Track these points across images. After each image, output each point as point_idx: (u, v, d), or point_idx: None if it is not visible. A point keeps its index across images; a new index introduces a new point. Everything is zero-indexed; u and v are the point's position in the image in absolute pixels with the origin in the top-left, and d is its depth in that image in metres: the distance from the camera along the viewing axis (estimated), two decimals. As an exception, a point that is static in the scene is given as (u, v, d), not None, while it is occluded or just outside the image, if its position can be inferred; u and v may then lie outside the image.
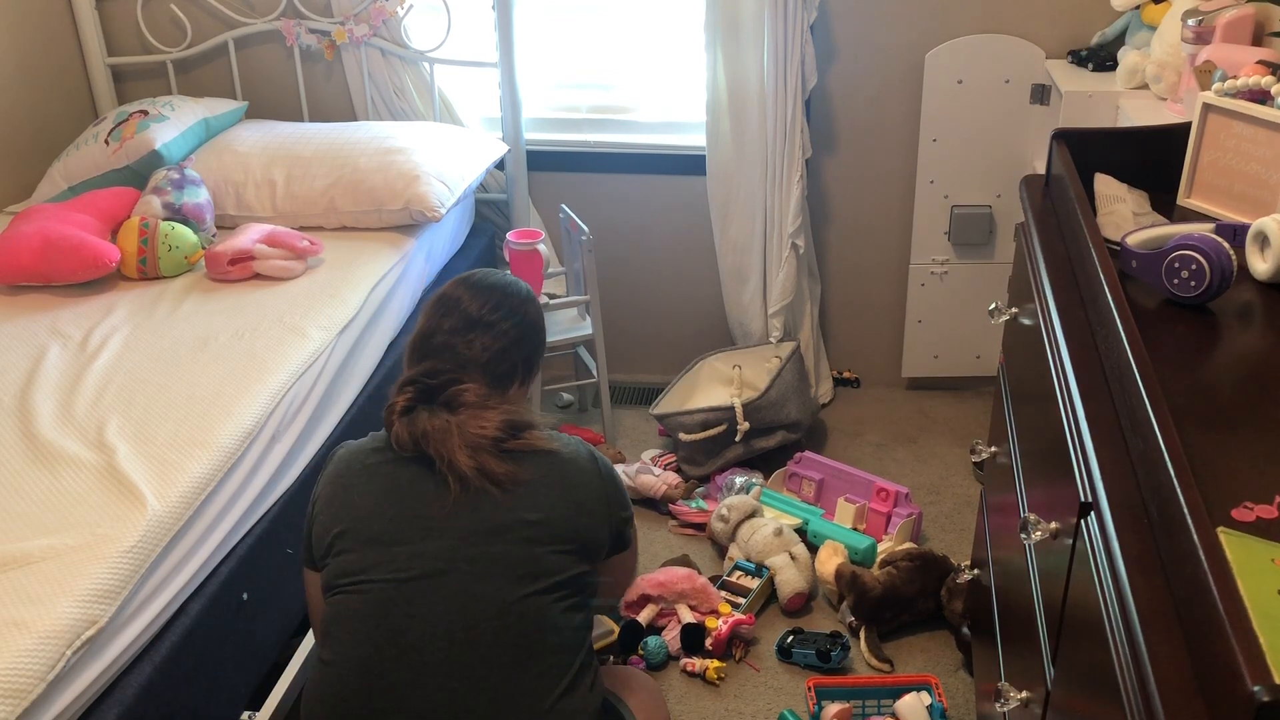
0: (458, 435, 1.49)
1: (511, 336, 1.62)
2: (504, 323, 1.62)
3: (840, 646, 2.26)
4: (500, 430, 1.50)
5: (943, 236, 3.03)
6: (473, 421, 1.50)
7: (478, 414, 1.52)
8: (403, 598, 1.44)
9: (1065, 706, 1.21)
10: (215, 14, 3.06)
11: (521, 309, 1.66)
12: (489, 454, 1.49)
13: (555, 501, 1.51)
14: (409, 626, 1.43)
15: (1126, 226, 1.59)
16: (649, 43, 3.06)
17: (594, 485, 1.57)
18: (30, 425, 1.88)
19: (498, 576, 1.45)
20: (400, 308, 2.57)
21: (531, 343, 1.67)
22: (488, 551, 1.45)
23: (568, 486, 1.53)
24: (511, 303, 1.65)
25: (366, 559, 1.47)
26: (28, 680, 1.38)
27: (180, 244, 2.46)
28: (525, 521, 1.47)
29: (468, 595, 1.43)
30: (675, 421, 2.84)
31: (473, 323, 1.60)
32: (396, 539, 1.47)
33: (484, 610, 1.43)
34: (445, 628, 1.42)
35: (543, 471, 1.52)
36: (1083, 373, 1.28)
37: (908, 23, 2.85)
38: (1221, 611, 0.80)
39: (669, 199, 3.15)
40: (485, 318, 1.61)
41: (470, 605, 1.43)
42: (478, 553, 1.45)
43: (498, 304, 1.63)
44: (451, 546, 1.45)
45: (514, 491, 1.48)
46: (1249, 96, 1.63)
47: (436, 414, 1.52)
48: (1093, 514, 1.08)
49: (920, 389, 3.28)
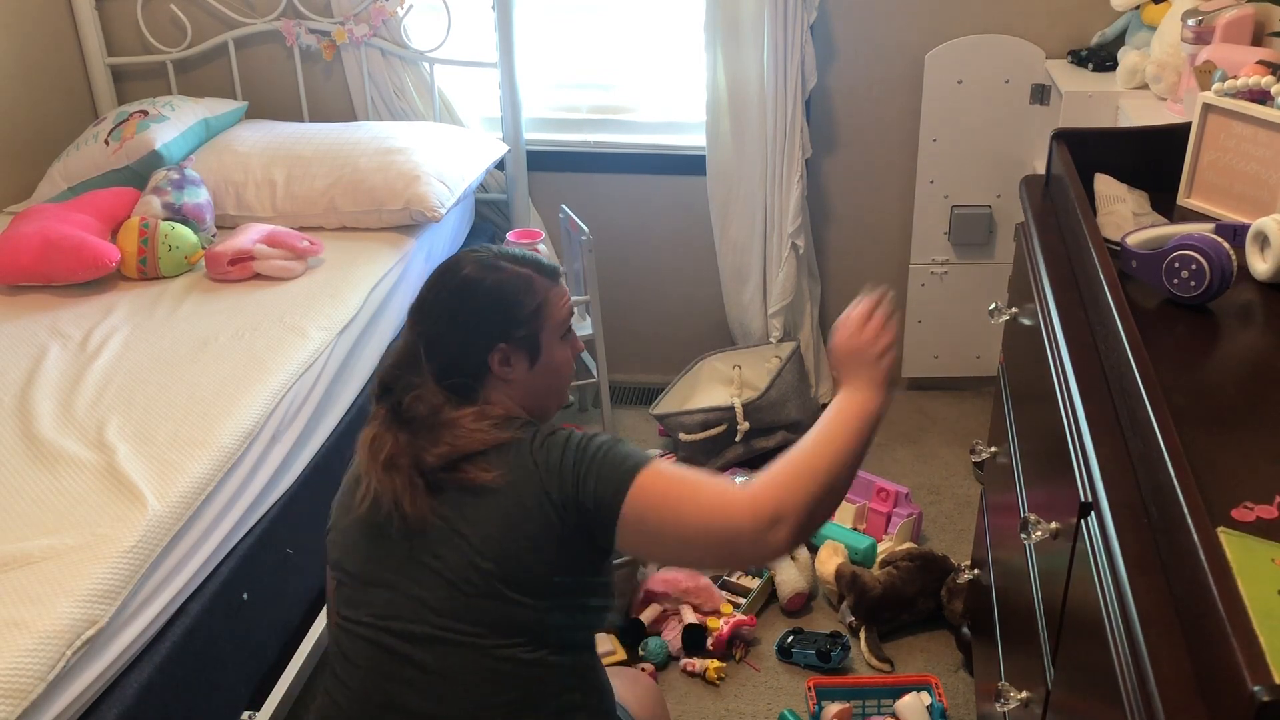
0: (386, 450, 1.37)
1: (447, 323, 1.44)
2: (437, 308, 1.45)
3: (840, 646, 2.26)
4: (433, 459, 1.35)
5: (943, 236, 3.03)
6: (417, 439, 1.37)
7: (425, 434, 1.38)
8: (394, 661, 1.37)
9: (1065, 706, 1.21)
10: (215, 14, 3.06)
11: (458, 286, 1.46)
12: (408, 486, 1.35)
13: (504, 543, 1.34)
14: (399, 687, 1.37)
15: (1126, 226, 1.59)
16: (649, 43, 3.06)
17: (537, 494, 1.35)
18: (30, 425, 1.88)
19: (472, 635, 1.34)
20: (400, 308, 2.57)
21: (486, 325, 1.45)
22: (454, 606, 1.34)
23: (510, 522, 1.34)
24: (446, 281, 1.47)
25: (356, 596, 1.42)
26: (28, 680, 1.38)
27: (180, 244, 2.46)
28: (483, 572, 1.33)
29: (451, 654, 1.35)
30: (675, 421, 2.84)
31: (421, 311, 1.46)
32: (374, 579, 1.40)
33: (468, 663, 1.35)
34: (437, 684, 1.36)
35: (483, 510, 1.35)
36: (1083, 373, 1.28)
37: (908, 23, 2.85)
38: (1221, 611, 0.80)
39: (669, 199, 3.15)
40: (424, 303, 1.46)
41: (455, 662, 1.35)
42: (445, 607, 1.34)
43: (432, 284, 1.47)
44: (419, 599, 1.35)
45: (460, 532, 1.34)
46: (1249, 96, 1.63)
47: (387, 429, 1.40)
48: (1093, 514, 1.08)
49: (920, 389, 3.28)
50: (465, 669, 1.35)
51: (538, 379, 1.51)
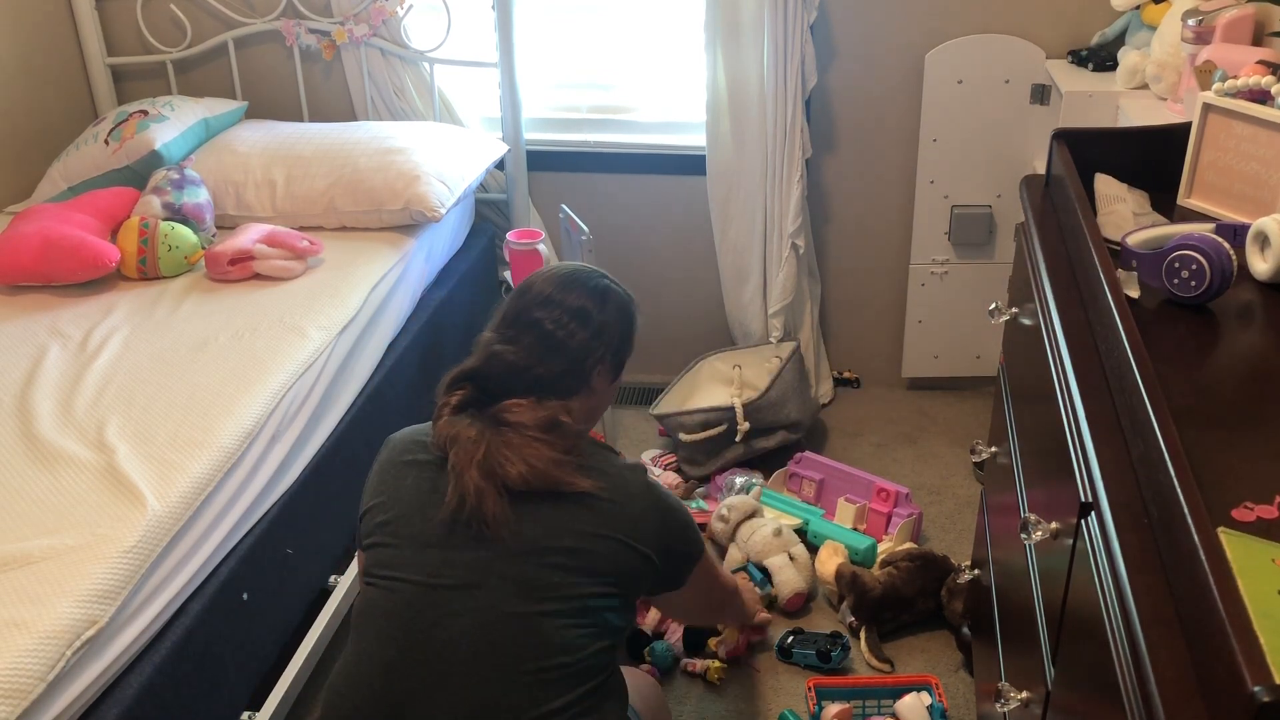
0: (482, 451, 1.43)
1: (579, 339, 1.56)
2: (579, 329, 1.56)
3: (840, 646, 2.26)
4: (526, 467, 1.43)
5: (943, 236, 3.03)
6: (504, 449, 1.44)
7: (516, 441, 1.45)
8: (430, 604, 1.41)
9: (1065, 706, 1.21)
10: (215, 14, 3.06)
11: (600, 292, 1.63)
12: (493, 490, 1.42)
13: (592, 535, 1.44)
14: (434, 634, 1.40)
15: (1126, 226, 1.59)
16: (649, 43, 3.06)
17: (641, 518, 1.48)
18: (30, 425, 1.88)
19: (525, 597, 1.41)
20: (400, 308, 2.57)
21: (608, 345, 1.61)
22: (520, 571, 1.41)
23: (604, 521, 1.45)
24: (582, 283, 1.61)
25: (403, 555, 1.45)
26: (28, 680, 1.38)
27: (180, 244, 2.46)
28: (562, 548, 1.42)
29: (494, 611, 1.40)
30: (675, 421, 2.84)
31: (555, 322, 1.55)
32: (433, 542, 1.44)
33: (508, 628, 1.40)
34: (470, 640, 1.40)
35: (570, 512, 1.45)
36: (1083, 373, 1.28)
37: (908, 23, 2.85)
38: (1221, 611, 0.80)
39: (669, 199, 3.15)
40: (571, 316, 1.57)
41: (496, 622, 1.40)
42: (510, 570, 1.41)
43: (563, 285, 1.59)
44: (485, 560, 1.42)
45: (552, 517, 1.43)
46: (1249, 96, 1.63)
47: (476, 423, 1.47)
48: (1093, 514, 1.08)
49: (920, 389, 3.28)
50: (509, 626, 1.40)
51: (605, 399, 1.65)
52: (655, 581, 1.54)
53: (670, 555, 1.53)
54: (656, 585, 1.56)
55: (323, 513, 2.12)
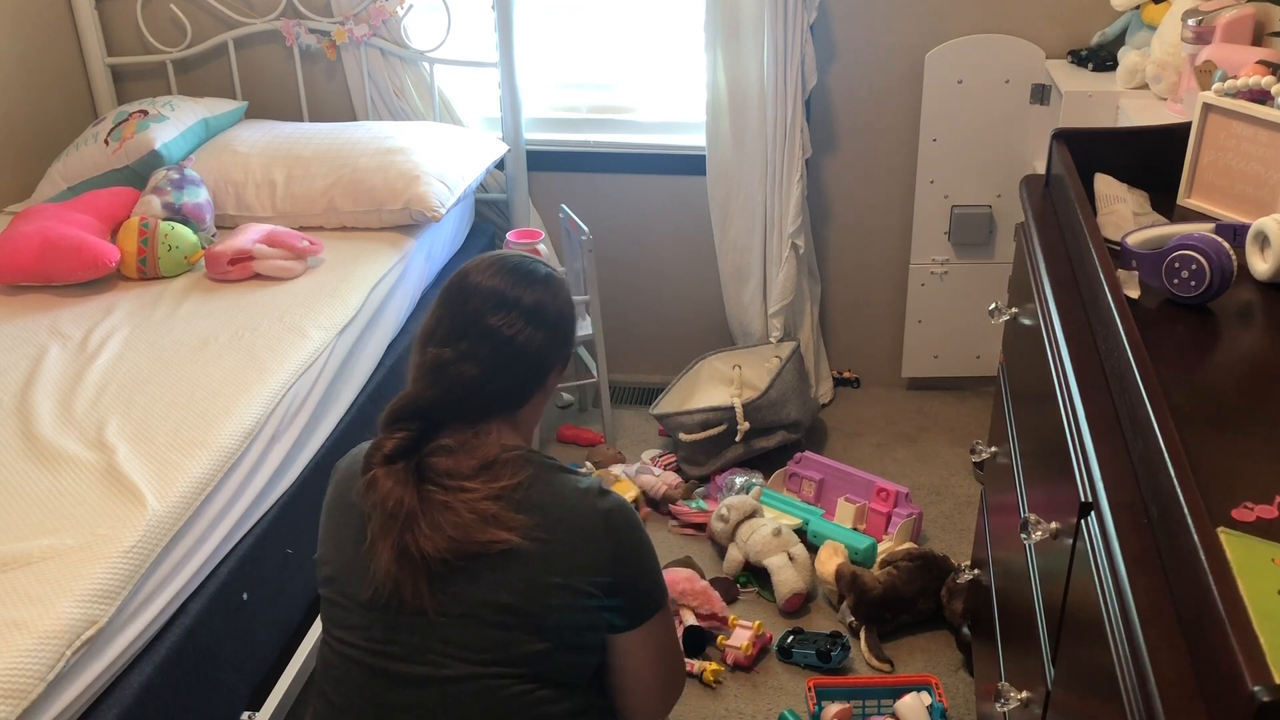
0: (398, 526, 1.29)
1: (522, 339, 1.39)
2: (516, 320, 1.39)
3: (840, 646, 2.26)
4: (445, 541, 1.28)
5: (943, 236, 3.03)
6: (423, 519, 1.29)
7: (440, 499, 1.30)
8: (382, 683, 1.33)
9: (1065, 706, 1.21)
10: (215, 14, 3.06)
11: (548, 288, 1.44)
12: (410, 574, 1.29)
13: (530, 586, 1.30)
14: (390, 708, 1.33)
15: (1126, 226, 1.59)
16: (649, 43, 3.06)
17: (587, 546, 1.33)
18: (30, 425, 1.88)
19: (470, 661, 1.31)
20: (400, 308, 2.57)
21: (565, 339, 1.46)
22: (461, 634, 1.30)
23: (543, 567, 1.31)
24: (530, 280, 1.42)
25: (350, 617, 1.36)
26: (28, 680, 1.38)
27: (180, 244, 2.46)
28: (500, 605, 1.30)
29: (444, 683, 1.31)
30: (675, 421, 2.84)
31: (476, 320, 1.38)
32: (373, 604, 1.33)
33: (460, 697, 1.31)
34: (426, 714, 1.32)
35: (503, 566, 1.30)
36: (1083, 373, 1.28)
37: (908, 23, 2.85)
38: (1221, 611, 0.80)
39: (669, 199, 3.15)
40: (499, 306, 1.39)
41: (448, 693, 1.31)
42: (453, 634, 1.31)
43: (512, 281, 1.41)
44: (424, 625, 1.31)
45: (487, 575, 1.30)
46: (1249, 96, 1.63)
47: (399, 484, 1.31)
48: (1093, 514, 1.08)
49: (920, 389, 3.28)
50: (461, 695, 1.31)
51: (551, 390, 1.49)
52: (610, 621, 1.36)
53: (624, 590, 1.35)
54: (610, 626, 1.37)
55: (323, 513, 2.11)
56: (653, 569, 1.41)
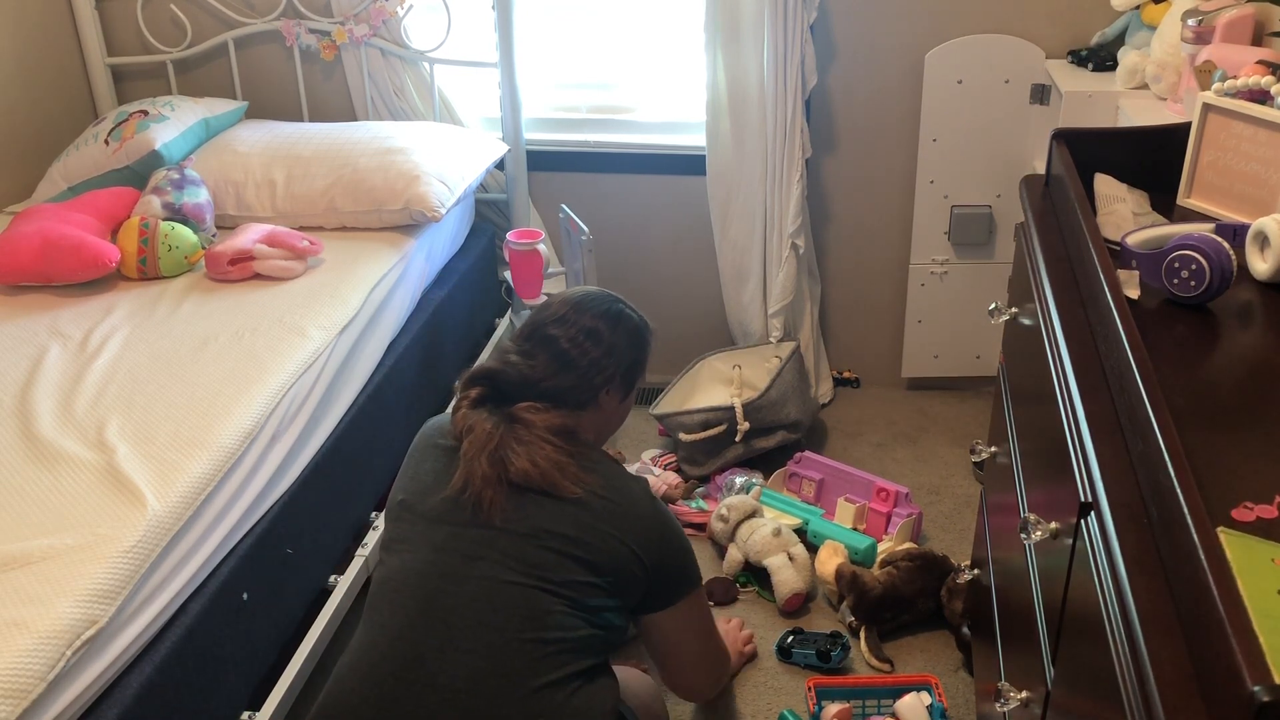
0: (494, 443, 1.55)
1: (591, 358, 1.68)
2: (592, 348, 1.69)
3: (840, 646, 2.26)
4: (530, 464, 1.54)
5: (943, 236, 3.03)
6: (514, 443, 1.56)
7: (527, 438, 1.57)
8: (438, 571, 1.52)
9: (1065, 706, 1.21)
10: (215, 14, 3.06)
11: (613, 333, 1.73)
12: (495, 478, 1.54)
13: (590, 527, 1.54)
14: (441, 601, 1.50)
15: (1126, 226, 1.59)
16: (649, 43, 3.06)
17: (639, 521, 1.58)
18: (30, 425, 1.88)
19: (523, 572, 1.50)
20: (400, 308, 2.57)
21: (618, 365, 1.72)
22: (520, 549, 1.51)
23: (602, 517, 1.55)
24: (596, 307, 1.73)
25: (415, 529, 1.57)
26: (28, 680, 1.38)
27: (180, 244, 2.46)
28: (560, 534, 1.52)
29: (496, 580, 1.50)
30: (675, 421, 2.84)
31: (566, 341, 1.67)
32: (443, 518, 1.55)
33: (508, 595, 1.49)
34: (474, 606, 1.48)
35: (569, 508, 1.55)
36: (1083, 373, 1.28)
37: (908, 23, 2.85)
38: (1221, 611, 0.80)
39: (669, 199, 3.15)
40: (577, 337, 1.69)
41: (497, 590, 1.49)
42: (511, 548, 1.51)
43: (579, 307, 1.72)
44: (489, 537, 1.52)
45: (553, 508, 1.53)
46: (1249, 96, 1.63)
47: (492, 417, 1.59)
48: (1093, 514, 1.08)
49: (920, 389, 3.28)
50: (509, 594, 1.49)
51: (615, 418, 1.77)
52: (646, 591, 1.60)
53: (664, 570, 1.61)
54: (647, 596, 1.61)
55: (323, 513, 2.11)
56: (689, 557, 1.68)
